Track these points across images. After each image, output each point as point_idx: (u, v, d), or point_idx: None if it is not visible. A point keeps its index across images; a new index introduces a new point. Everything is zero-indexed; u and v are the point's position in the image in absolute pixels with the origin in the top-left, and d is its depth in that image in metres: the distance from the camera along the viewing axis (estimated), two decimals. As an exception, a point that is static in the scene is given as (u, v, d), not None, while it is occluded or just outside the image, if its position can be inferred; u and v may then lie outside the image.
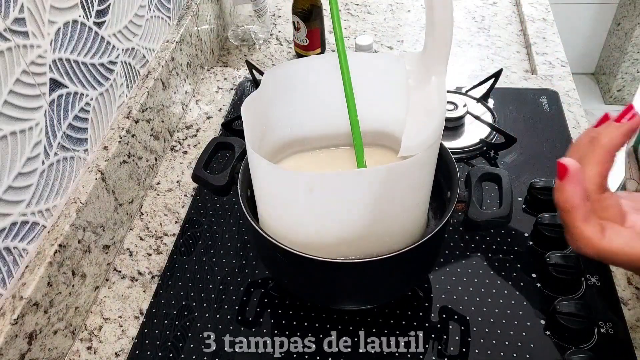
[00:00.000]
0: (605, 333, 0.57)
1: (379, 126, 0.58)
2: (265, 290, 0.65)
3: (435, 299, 0.62)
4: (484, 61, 0.99)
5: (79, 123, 0.64)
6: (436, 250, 0.58)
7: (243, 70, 0.98)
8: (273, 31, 1.10)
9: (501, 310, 0.60)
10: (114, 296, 0.66)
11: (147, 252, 0.71)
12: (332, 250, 0.50)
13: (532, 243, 0.67)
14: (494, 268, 0.64)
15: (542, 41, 1.00)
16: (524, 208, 0.71)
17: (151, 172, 0.79)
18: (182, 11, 0.91)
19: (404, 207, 0.51)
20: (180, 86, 0.88)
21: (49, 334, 0.57)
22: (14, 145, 0.53)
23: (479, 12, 1.11)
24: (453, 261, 0.66)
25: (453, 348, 0.58)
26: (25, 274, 0.55)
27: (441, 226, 0.51)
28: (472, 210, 0.53)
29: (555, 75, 0.92)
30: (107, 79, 0.69)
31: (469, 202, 0.54)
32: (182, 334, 0.61)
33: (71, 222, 0.60)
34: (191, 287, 0.65)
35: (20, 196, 0.55)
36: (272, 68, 0.55)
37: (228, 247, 0.70)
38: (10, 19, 0.51)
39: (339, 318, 0.61)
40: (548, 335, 0.58)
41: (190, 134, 0.87)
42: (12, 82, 0.52)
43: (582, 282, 0.62)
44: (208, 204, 0.75)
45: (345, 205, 0.48)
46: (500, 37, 1.05)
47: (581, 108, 0.85)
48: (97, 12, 0.66)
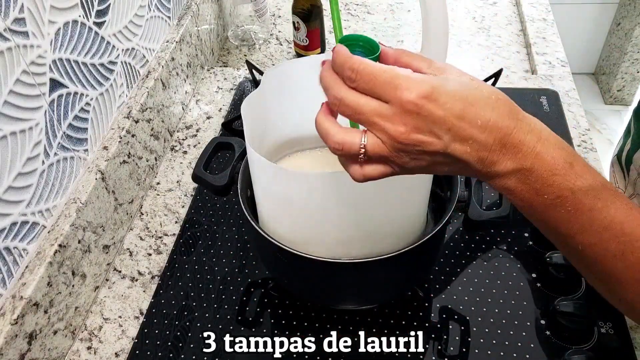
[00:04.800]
0: (605, 333, 0.57)
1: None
2: (265, 290, 0.65)
3: (435, 299, 0.62)
4: (484, 61, 0.99)
5: (79, 123, 0.64)
6: (436, 250, 0.58)
7: (243, 70, 0.98)
8: (273, 31, 1.10)
9: (501, 310, 0.60)
10: (114, 296, 0.66)
11: (147, 252, 0.71)
12: (332, 250, 0.50)
13: (532, 243, 0.67)
14: (494, 268, 0.64)
15: (542, 41, 1.00)
16: (524, 208, 0.71)
17: (151, 172, 0.79)
18: (182, 11, 0.91)
19: (404, 207, 0.51)
20: (180, 86, 0.88)
21: (49, 334, 0.57)
22: (14, 145, 0.53)
23: (479, 12, 1.11)
24: (453, 261, 0.66)
25: (453, 348, 0.58)
26: (25, 274, 0.55)
27: (441, 226, 0.51)
28: (472, 210, 0.53)
29: (555, 75, 0.92)
30: (107, 79, 0.69)
31: (469, 202, 0.54)
32: (182, 334, 0.61)
33: (71, 222, 0.60)
34: (191, 287, 0.65)
35: (20, 196, 0.55)
36: (271, 68, 0.55)
37: (228, 247, 0.70)
38: (10, 19, 0.51)
39: (339, 318, 0.61)
40: (548, 335, 0.58)
41: (190, 134, 0.87)
42: (12, 82, 0.52)
43: (582, 282, 0.62)
44: (208, 204, 0.75)
45: (345, 205, 0.48)
46: (500, 37, 1.05)
47: (581, 108, 0.85)
48: (97, 12, 0.66)
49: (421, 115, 0.36)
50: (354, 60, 0.37)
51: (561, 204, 0.39)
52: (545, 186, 0.38)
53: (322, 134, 0.38)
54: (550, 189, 0.38)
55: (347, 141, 0.37)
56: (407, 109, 0.35)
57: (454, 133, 0.36)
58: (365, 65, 0.36)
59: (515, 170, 0.38)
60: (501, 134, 0.37)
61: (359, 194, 0.47)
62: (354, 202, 0.48)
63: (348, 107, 0.37)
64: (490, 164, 0.38)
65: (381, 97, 0.36)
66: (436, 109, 0.36)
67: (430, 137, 0.36)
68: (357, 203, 0.48)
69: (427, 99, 0.35)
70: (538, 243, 0.66)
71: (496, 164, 0.38)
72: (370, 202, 0.48)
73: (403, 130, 0.36)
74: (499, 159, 0.38)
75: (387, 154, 0.37)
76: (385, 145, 0.37)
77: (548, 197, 0.38)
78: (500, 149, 0.37)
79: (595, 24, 2.15)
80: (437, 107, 0.36)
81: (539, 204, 0.39)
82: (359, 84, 0.36)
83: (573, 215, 0.39)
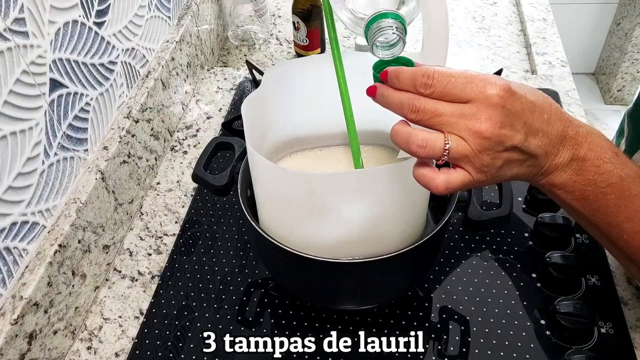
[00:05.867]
0: (605, 333, 0.57)
1: (379, 126, 0.58)
2: (265, 290, 0.65)
3: (435, 299, 0.62)
4: (484, 61, 0.99)
5: (79, 123, 0.64)
6: (436, 250, 0.58)
7: (243, 70, 0.98)
8: (273, 31, 1.10)
9: (501, 310, 0.60)
10: (114, 296, 0.66)
11: (147, 252, 0.71)
12: (332, 250, 0.50)
13: (532, 243, 0.67)
14: (494, 268, 0.64)
15: (542, 41, 1.00)
16: (524, 208, 0.71)
17: (151, 172, 0.79)
18: (182, 11, 0.91)
19: (404, 207, 0.51)
20: (180, 86, 0.88)
21: (49, 334, 0.57)
22: (14, 145, 0.53)
23: (479, 12, 1.11)
24: (453, 261, 0.66)
25: (453, 348, 0.58)
26: (25, 274, 0.55)
27: (441, 226, 0.51)
28: (472, 210, 0.53)
29: (555, 75, 0.92)
30: (107, 79, 0.69)
31: (469, 202, 0.54)
32: (182, 334, 0.61)
33: (71, 222, 0.60)
34: (191, 287, 0.65)
35: (20, 196, 0.55)
36: (271, 68, 0.55)
37: (228, 247, 0.70)
38: (10, 19, 0.51)
39: (339, 318, 0.61)
40: (548, 335, 0.58)
41: (190, 134, 0.87)
42: (12, 82, 0.52)
43: (582, 282, 0.62)
44: (208, 204, 0.75)
45: (345, 205, 0.48)
46: (500, 37, 1.05)
47: (581, 108, 0.85)
48: (97, 12, 0.66)
49: (505, 109, 0.37)
50: (426, 67, 0.38)
51: (612, 191, 0.41)
52: (598, 174, 0.40)
53: (404, 137, 0.39)
54: (602, 177, 0.40)
55: (431, 139, 0.38)
56: (493, 102, 0.37)
57: (528, 127, 0.38)
58: (440, 69, 0.38)
59: (572, 160, 0.40)
60: (562, 127, 0.40)
61: (359, 195, 0.47)
62: (354, 202, 0.48)
63: (426, 113, 0.38)
64: (553, 156, 0.40)
65: (461, 98, 0.37)
66: (516, 103, 0.37)
67: (512, 131, 0.38)
68: (357, 203, 0.48)
69: (509, 93, 0.37)
70: (538, 243, 0.66)
71: (557, 156, 0.40)
72: (370, 203, 0.48)
73: (489, 125, 0.37)
74: (560, 151, 0.40)
75: (469, 153, 0.37)
76: (469, 144, 0.37)
77: (600, 186, 0.40)
78: (561, 141, 0.40)
79: (595, 24, 2.15)
80: (516, 101, 0.37)
81: (591, 193, 0.41)
82: (436, 88, 0.37)
83: (622, 202, 0.41)
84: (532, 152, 0.39)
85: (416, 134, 0.38)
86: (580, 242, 0.65)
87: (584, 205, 0.42)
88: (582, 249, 0.65)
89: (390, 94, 0.39)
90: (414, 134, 0.38)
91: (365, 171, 0.50)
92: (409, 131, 0.38)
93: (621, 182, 0.41)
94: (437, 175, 0.38)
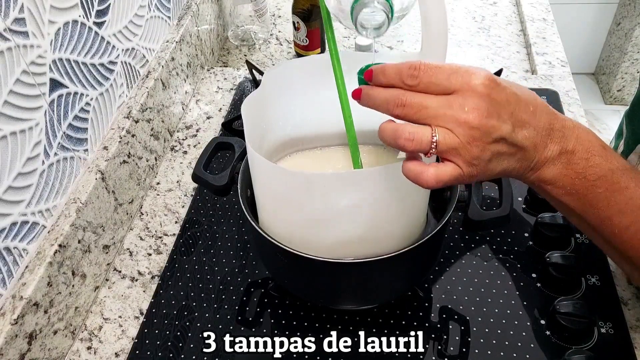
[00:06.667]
0: (605, 333, 0.57)
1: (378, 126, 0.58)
2: (265, 290, 0.65)
3: (435, 299, 0.62)
4: (484, 61, 0.99)
5: (79, 123, 0.64)
6: (436, 250, 0.58)
7: (243, 70, 0.98)
8: (273, 31, 1.10)
9: (501, 310, 0.60)
10: (114, 296, 0.66)
11: (147, 252, 0.71)
12: (332, 250, 0.50)
13: (532, 243, 0.67)
14: (494, 268, 0.64)
15: (542, 41, 1.00)
16: (524, 208, 0.71)
17: (151, 172, 0.79)
18: (182, 11, 0.91)
19: (404, 207, 0.51)
20: (180, 86, 0.88)
21: (49, 334, 0.57)
22: (14, 145, 0.53)
23: (479, 12, 1.11)
24: (453, 261, 0.66)
25: (453, 348, 0.58)
26: (25, 274, 0.55)
27: (441, 226, 0.51)
28: (472, 210, 0.53)
29: (555, 75, 0.92)
30: (107, 79, 0.69)
31: (469, 202, 0.54)
32: (182, 334, 0.61)
33: (71, 222, 0.60)
34: (191, 287, 0.65)
35: (20, 196, 0.55)
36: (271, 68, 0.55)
37: (228, 247, 0.70)
38: (10, 19, 0.51)
39: (339, 318, 0.61)
40: (548, 335, 0.58)
41: (190, 134, 0.87)
42: (12, 82, 0.52)
43: (582, 282, 0.62)
44: (208, 204, 0.75)
45: (344, 205, 0.48)
46: (500, 37, 1.05)
47: (581, 108, 0.85)
48: (97, 12, 0.66)
49: (491, 98, 0.37)
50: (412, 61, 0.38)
51: (601, 184, 0.41)
52: (587, 167, 0.40)
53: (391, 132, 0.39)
54: (592, 170, 0.40)
55: (418, 132, 0.38)
56: (478, 91, 0.37)
57: (515, 118, 0.38)
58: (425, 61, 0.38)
59: (561, 153, 0.40)
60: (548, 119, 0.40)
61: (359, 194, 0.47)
62: (354, 202, 0.48)
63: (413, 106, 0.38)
64: (542, 149, 0.40)
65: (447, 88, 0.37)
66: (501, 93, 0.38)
67: (499, 122, 0.37)
68: (357, 203, 0.48)
69: (493, 82, 0.37)
70: (538, 243, 0.66)
71: (546, 148, 0.40)
72: (370, 202, 0.48)
73: (476, 114, 0.37)
74: (548, 144, 0.40)
75: (457, 145, 0.37)
76: (457, 135, 0.37)
77: (589, 179, 0.40)
78: (549, 133, 0.40)
79: (595, 24, 2.15)
80: (501, 92, 0.38)
81: (581, 187, 0.41)
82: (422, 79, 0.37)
83: (612, 195, 0.41)
84: (520, 143, 0.39)
85: (403, 128, 0.38)
86: (580, 242, 0.65)
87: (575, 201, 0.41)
88: (582, 249, 0.65)
89: (376, 93, 0.39)
90: (401, 129, 0.38)
91: (364, 171, 0.50)
92: (396, 126, 0.38)
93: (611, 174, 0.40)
94: (425, 169, 0.38)
